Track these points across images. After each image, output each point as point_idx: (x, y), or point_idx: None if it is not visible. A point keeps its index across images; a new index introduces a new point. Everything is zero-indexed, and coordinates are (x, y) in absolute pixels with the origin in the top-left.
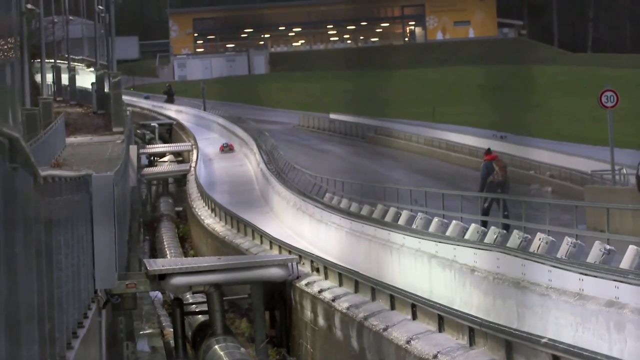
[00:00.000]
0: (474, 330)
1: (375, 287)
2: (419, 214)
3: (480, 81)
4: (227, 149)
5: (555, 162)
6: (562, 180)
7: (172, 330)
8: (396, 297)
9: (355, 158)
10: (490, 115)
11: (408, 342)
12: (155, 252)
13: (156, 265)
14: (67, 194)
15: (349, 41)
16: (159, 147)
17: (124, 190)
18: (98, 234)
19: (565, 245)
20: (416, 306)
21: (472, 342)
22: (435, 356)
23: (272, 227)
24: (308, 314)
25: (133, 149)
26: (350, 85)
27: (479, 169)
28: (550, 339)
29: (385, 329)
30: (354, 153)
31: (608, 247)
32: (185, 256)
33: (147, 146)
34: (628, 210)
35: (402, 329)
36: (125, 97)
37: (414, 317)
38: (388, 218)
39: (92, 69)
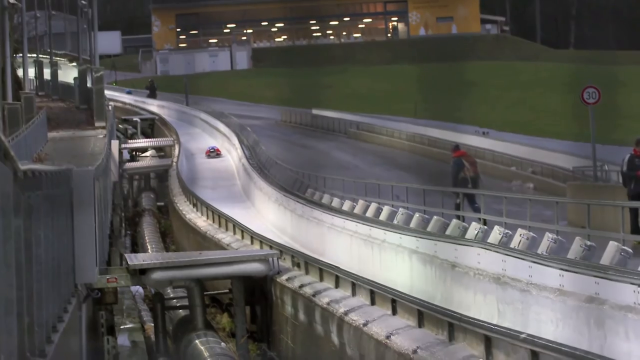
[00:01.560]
0: (454, 325)
1: (355, 283)
2: (400, 209)
3: (462, 77)
4: (213, 153)
5: (537, 158)
6: (544, 176)
7: (152, 324)
8: (376, 293)
9: (337, 153)
10: (473, 112)
11: (388, 337)
12: (137, 246)
13: (137, 259)
14: (47, 189)
15: (331, 37)
16: (141, 142)
17: (106, 185)
18: (78, 228)
19: (546, 241)
20: (396, 301)
21: (451, 337)
22: (414, 351)
23: (253, 223)
24: (289, 309)
25: (115, 143)
26: (332, 80)
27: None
28: (529, 335)
29: (365, 324)
30: (336, 148)
31: (589, 243)
32: (167, 251)
33: (129, 141)
34: (610, 207)
35: (382, 324)
36: (107, 92)
37: (394, 312)
38: (369, 214)
39: (74, 63)
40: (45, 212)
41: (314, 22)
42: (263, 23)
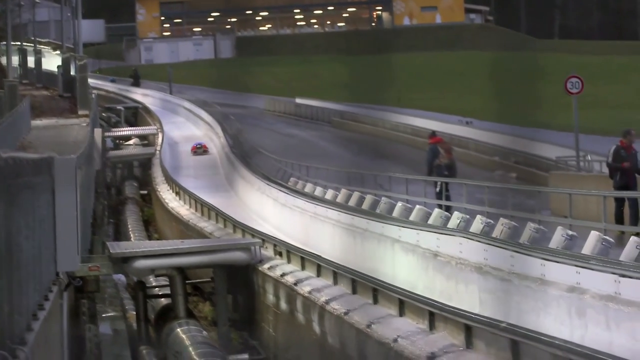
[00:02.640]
0: (434, 314)
1: (337, 271)
2: (382, 198)
3: (446, 67)
4: (200, 150)
5: (520, 148)
6: (526, 166)
7: (134, 313)
8: (358, 282)
9: (321, 142)
10: (456, 101)
11: (368, 326)
12: (120, 235)
13: (119, 248)
14: (28, 177)
15: (315, 26)
16: (125, 131)
17: (89, 173)
18: (60, 216)
19: (528, 231)
20: (377, 290)
21: (432, 327)
22: (395, 340)
23: (236, 211)
24: (270, 297)
25: (98, 132)
26: (316, 70)
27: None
28: (509, 324)
29: (346, 313)
30: (320, 137)
31: (570, 232)
32: (150, 239)
33: (113, 129)
34: (592, 197)
35: (363, 313)
36: (91, 81)
37: (375, 301)
38: (352, 202)
39: (58, 52)
40: (26, 200)
41: (298, 11)
42: (247, 12)
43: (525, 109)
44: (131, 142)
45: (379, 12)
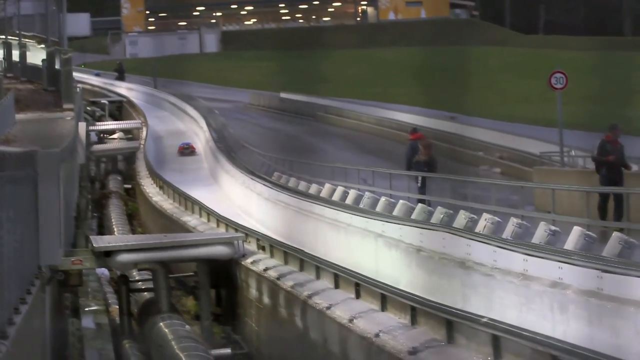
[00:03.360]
0: (416, 309)
1: (319, 266)
2: (366, 193)
3: (431, 62)
4: (187, 150)
5: (505, 143)
6: (511, 161)
7: (117, 307)
8: (340, 276)
9: (305, 137)
10: (441, 96)
11: (351, 320)
12: (103, 229)
13: (102, 242)
14: (11, 170)
15: (300, 20)
16: (109, 125)
17: (72, 167)
18: (43, 210)
19: (511, 226)
20: (360, 285)
21: (414, 321)
22: (377, 335)
23: (220, 205)
24: (253, 292)
25: (82, 125)
26: (301, 64)
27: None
28: (490, 319)
29: (328, 308)
30: (304, 132)
31: (553, 228)
32: (133, 233)
33: (97, 123)
34: (576, 192)
35: (345, 307)
36: (75, 74)
37: (358, 295)
38: (336, 197)
39: (43, 45)
40: (9, 193)
41: (283, 5)
42: (232, 6)
43: (508, 104)
44: (115, 136)
45: (364, 7)
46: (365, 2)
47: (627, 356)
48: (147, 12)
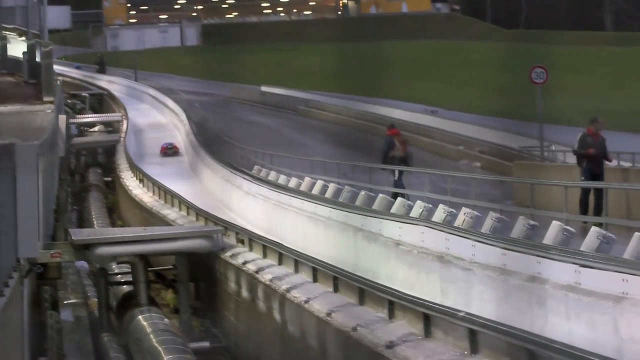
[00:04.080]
0: (394, 303)
1: (298, 260)
2: (345, 186)
3: (413, 56)
4: (170, 151)
5: (485, 137)
6: (491, 155)
7: (96, 300)
8: (319, 270)
9: (285, 131)
10: (422, 90)
11: (328, 314)
12: (83, 222)
13: (81, 235)
14: None
15: (282, 14)
16: (89, 117)
17: (52, 159)
18: (21, 203)
19: (490, 220)
20: (338, 279)
21: (391, 315)
22: (354, 329)
23: (200, 199)
24: (232, 285)
25: (62, 118)
26: (282, 58)
27: (409, 143)
28: (467, 313)
29: (306, 301)
30: (285, 126)
31: (532, 222)
32: (113, 226)
33: (78, 116)
34: (556, 186)
35: (323, 301)
36: (56, 67)
37: (336, 289)
38: (315, 191)
39: (23, 38)
40: None
41: None
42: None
43: (490, 99)
44: (96, 128)
45: (345, 1)
46: None
47: (604, 350)
48: (128, 4)
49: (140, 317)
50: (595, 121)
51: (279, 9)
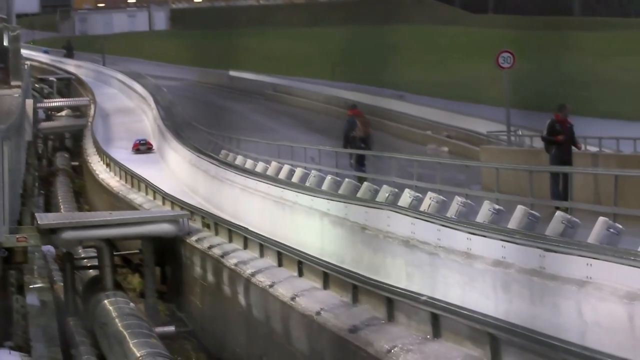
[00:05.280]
0: (358, 287)
1: (263, 244)
2: (312, 171)
3: (381, 41)
4: (144, 147)
5: (453, 122)
6: (458, 140)
7: (62, 284)
8: (284, 254)
9: (253, 115)
10: (390, 75)
11: (293, 298)
12: (50, 206)
13: (47, 219)
14: None
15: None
16: (57, 102)
17: (19, 143)
18: None
19: (455, 205)
20: (302, 263)
21: (355, 300)
22: (318, 313)
23: (167, 183)
24: (198, 270)
25: (30, 103)
26: (250, 42)
27: (376, 127)
28: (429, 297)
29: (271, 286)
30: (253, 110)
31: (497, 207)
32: (80, 211)
33: (45, 100)
34: (523, 171)
35: (287, 285)
36: (24, 51)
37: (300, 274)
38: (282, 175)
39: None
40: None
41: None
42: None
43: (457, 83)
44: (63, 113)
45: None
46: None
47: (568, 334)
48: None
49: (105, 301)
50: (563, 108)
51: None
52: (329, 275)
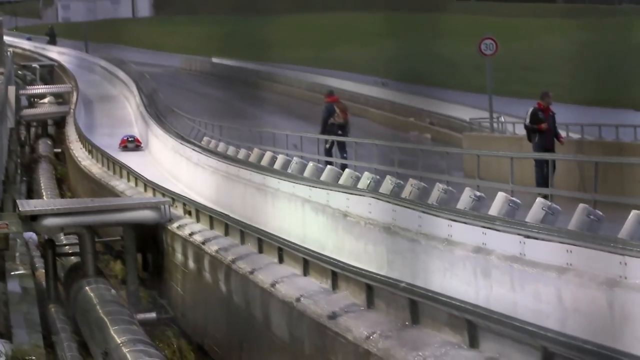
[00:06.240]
0: (337, 274)
1: (244, 231)
2: (294, 158)
3: (365, 27)
4: (132, 144)
5: (435, 109)
6: (441, 127)
7: (44, 271)
8: (264, 241)
9: (236, 102)
10: (375, 62)
11: (273, 285)
12: (33, 193)
13: (29, 206)
14: None
15: None
16: (40, 89)
17: (1, 131)
18: None
19: (436, 192)
20: (283, 250)
21: (335, 286)
22: (298, 299)
23: (149, 170)
24: (179, 256)
25: (12, 89)
26: (233, 29)
27: (360, 114)
28: (408, 284)
29: (251, 272)
30: (235, 97)
31: (478, 193)
32: (62, 198)
33: (28, 87)
34: (505, 158)
35: (267, 272)
36: (6, 38)
37: (281, 260)
38: (264, 162)
39: None
40: None
41: None
42: None
43: (440, 71)
44: (46, 100)
45: None
46: None
47: (548, 321)
48: None
49: (87, 288)
50: (546, 95)
51: None
52: (309, 262)
